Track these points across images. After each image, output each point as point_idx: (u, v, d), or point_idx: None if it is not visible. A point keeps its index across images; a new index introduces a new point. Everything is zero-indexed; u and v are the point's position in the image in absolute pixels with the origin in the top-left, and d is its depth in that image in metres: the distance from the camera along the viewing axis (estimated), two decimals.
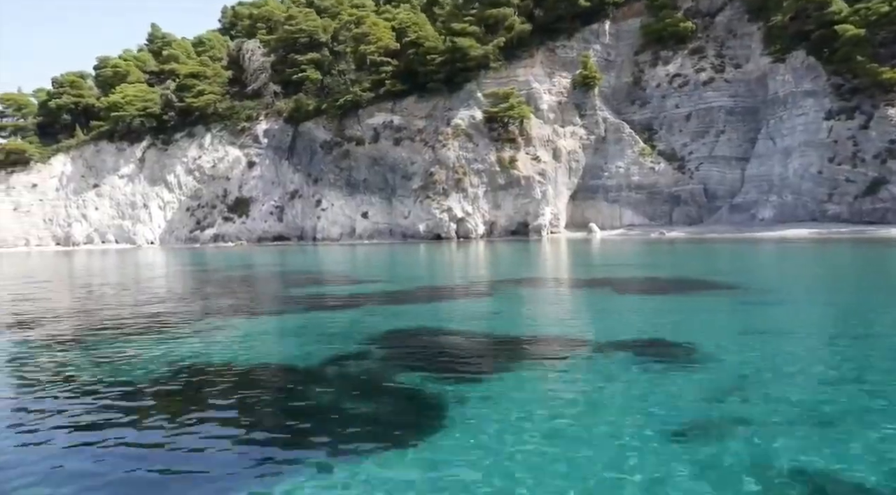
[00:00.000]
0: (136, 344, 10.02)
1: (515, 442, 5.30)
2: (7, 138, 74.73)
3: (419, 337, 10.45)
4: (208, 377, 7.94)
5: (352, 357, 8.90)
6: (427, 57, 59.96)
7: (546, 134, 59.42)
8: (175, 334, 10.82)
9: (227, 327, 11.44)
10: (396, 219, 61.74)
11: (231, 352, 9.27)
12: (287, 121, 70.31)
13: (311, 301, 15.42)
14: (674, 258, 27.29)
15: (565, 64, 61.58)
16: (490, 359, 8.71)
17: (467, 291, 16.86)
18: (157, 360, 8.79)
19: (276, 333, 11.06)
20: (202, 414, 6.38)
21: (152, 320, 12.57)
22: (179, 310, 14.27)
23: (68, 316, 13.90)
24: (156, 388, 7.42)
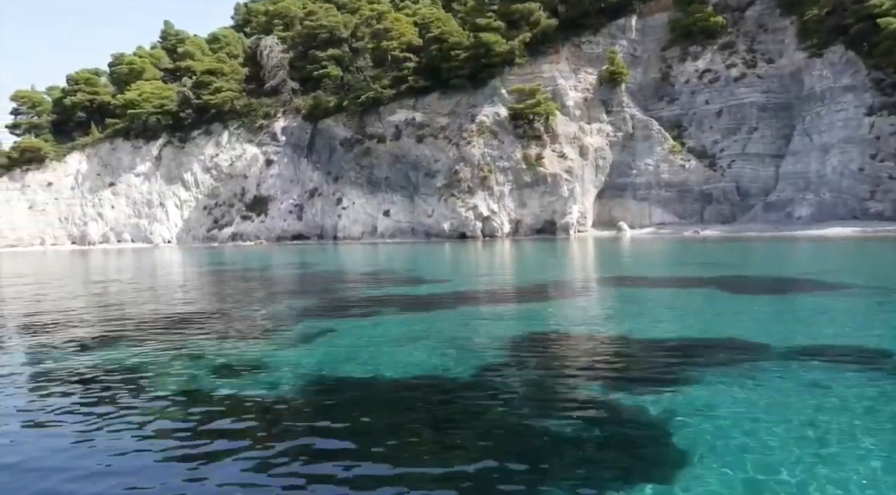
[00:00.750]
0: (246, 351, 9.03)
1: (782, 463, 4.41)
2: (21, 136, 73.82)
3: (563, 341, 9.47)
4: (350, 391, 6.97)
5: (506, 365, 7.93)
6: (451, 53, 58.90)
7: (572, 131, 58.39)
8: (277, 341, 9.82)
9: (330, 331, 10.45)
10: (419, 218, 60.75)
11: (357, 361, 8.31)
12: (306, 118, 69.35)
13: (398, 301, 14.43)
14: (738, 257, 26.25)
15: (591, 60, 60.53)
16: (664, 365, 7.74)
17: (562, 291, 15.87)
18: (275, 370, 7.81)
19: (392, 338, 10.05)
20: (354, 441, 5.39)
21: (237, 325, 11.58)
22: (263, 313, 13.28)
23: (148, 329, 12.93)
24: (288, 404, 6.45)
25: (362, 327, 11.07)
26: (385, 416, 6.09)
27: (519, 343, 9.25)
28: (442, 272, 23.31)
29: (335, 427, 5.82)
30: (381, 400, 6.64)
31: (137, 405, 6.58)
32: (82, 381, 7.65)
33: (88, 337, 10.78)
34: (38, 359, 9.02)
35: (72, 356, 9.11)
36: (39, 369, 8.45)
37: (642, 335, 9.53)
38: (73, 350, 9.57)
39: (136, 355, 8.96)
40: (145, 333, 10.88)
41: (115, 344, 9.91)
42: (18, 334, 11.40)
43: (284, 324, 11.40)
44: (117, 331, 11.28)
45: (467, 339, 9.62)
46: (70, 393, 7.15)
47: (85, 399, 6.88)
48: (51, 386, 7.48)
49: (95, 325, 12.06)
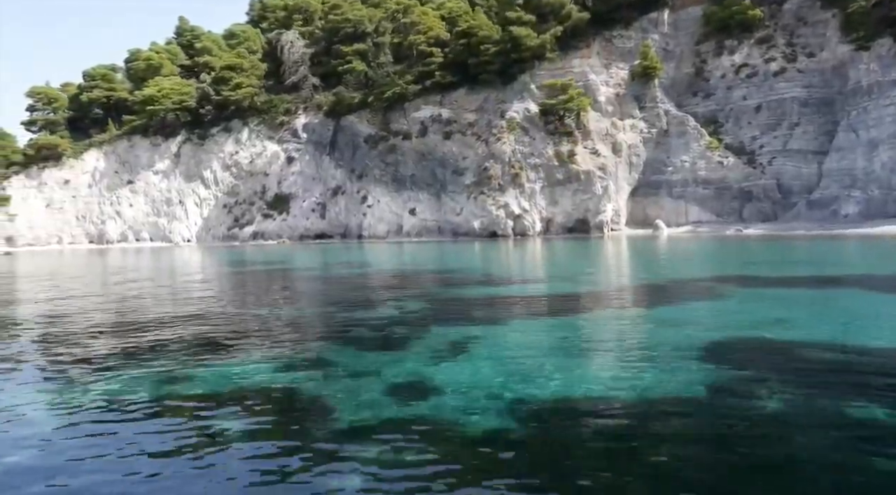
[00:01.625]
0: (402, 365, 7.68)
1: None
2: (37, 133, 72.56)
3: (755, 349, 8.09)
4: (562, 418, 5.62)
5: (733, 382, 6.60)
6: (480, 47, 57.54)
7: (604, 127, 57.03)
8: (427, 352, 8.48)
9: (474, 340, 9.10)
10: (446, 216, 59.43)
11: (537, 375, 6.93)
12: (327, 115, 68.06)
13: (515, 304, 13.08)
14: (819, 255, 24.89)
15: (623, 54, 59.18)
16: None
17: (679, 291, 14.50)
18: (448, 388, 6.47)
19: (555, 348, 8.66)
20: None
21: (360, 332, 10.24)
22: (381, 319, 11.93)
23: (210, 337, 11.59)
24: (487, 433, 5.12)
25: (503, 334, 9.74)
26: (632, 459, 4.71)
27: (707, 350, 7.91)
28: (523, 272, 21.98)
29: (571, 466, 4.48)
30: (609, 432, 5.28)
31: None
32: (186, 411, 6.34)
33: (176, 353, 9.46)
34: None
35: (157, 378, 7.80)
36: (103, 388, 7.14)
37: (836, 339, 8.24)
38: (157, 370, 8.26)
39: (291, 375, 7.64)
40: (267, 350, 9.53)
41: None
42: (40, 344, 10.10)
43: (418, 333, 10.06)
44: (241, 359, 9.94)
45: (641, 348, 8.32)
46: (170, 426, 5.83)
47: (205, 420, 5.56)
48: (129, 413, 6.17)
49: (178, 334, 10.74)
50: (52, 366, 8.45)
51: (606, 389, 6.48)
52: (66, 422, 5.83)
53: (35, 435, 5.46)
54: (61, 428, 5.69)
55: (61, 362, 8.56)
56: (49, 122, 72.05)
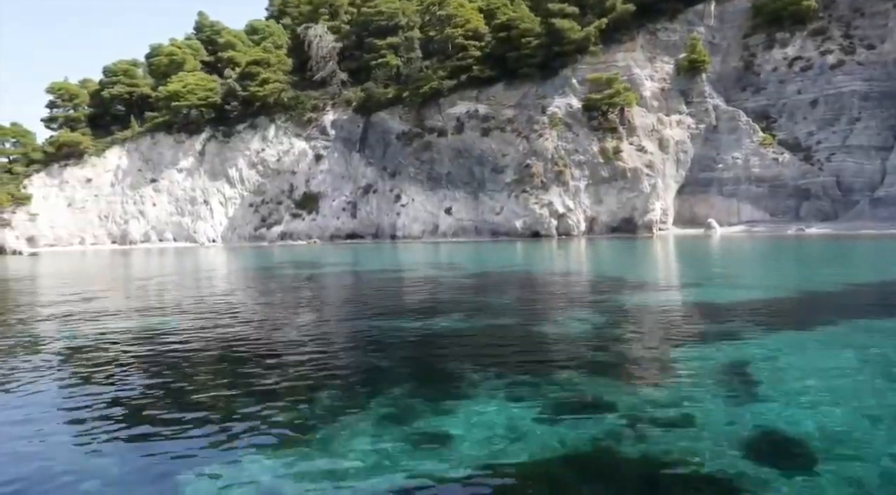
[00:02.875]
0: (665, 399, 5.62)
1: None
2: (57, 130, 70.59)
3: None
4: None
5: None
6: (522, 40, 55.49)
7: (650, 123, 54.99)
8: (681, 382, 6.41)
9: (746, 364, 7.03)
10: (484, 216, 57.39)
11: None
12: (357, 111, 66.05)
13: (720, 315, 11.00)
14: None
15: (667, 47, 57.13)
16: None
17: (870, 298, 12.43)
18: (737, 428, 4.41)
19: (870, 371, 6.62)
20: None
21: (583, 355, 8.18)
22: (577, 336, 9.88)
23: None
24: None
25: (775, 354, 7.66)
26: None
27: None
28: (650, 274, 19.87)
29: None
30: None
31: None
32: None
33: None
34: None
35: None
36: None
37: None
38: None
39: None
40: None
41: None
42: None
43: (647, 356, 8.00)
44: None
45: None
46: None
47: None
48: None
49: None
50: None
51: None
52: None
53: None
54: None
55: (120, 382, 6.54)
56: (70, 119, 70.02)
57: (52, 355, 9.12)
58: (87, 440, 5.26)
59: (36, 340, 10.49)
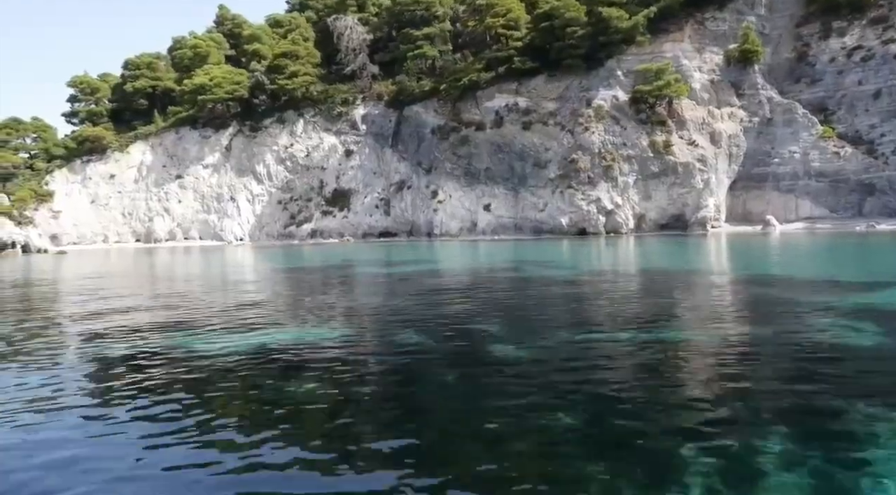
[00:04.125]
0: None
1: None
2: (78, 125, 68.54)
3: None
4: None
5: None
6: (566, 30, 53.32)
7: (700, 116, 52.84)
8: None
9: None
10: (525, 213, 55.22)
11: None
12: (389, 105, 63.93)
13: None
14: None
15: (716, 38, 54.99)
16: None
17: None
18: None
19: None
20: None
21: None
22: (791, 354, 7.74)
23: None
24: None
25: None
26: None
27: None
28: (810, 274, 17.75)
29: None
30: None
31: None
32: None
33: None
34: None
35: None
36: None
37: None
38: None
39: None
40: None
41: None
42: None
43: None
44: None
45: None
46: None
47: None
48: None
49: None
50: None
51: None
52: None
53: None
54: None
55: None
56: (92, 114, 67.89)
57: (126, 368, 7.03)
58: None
59: (96, 355, 8.40)
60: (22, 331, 10.68)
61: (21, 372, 7.53)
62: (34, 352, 8.80)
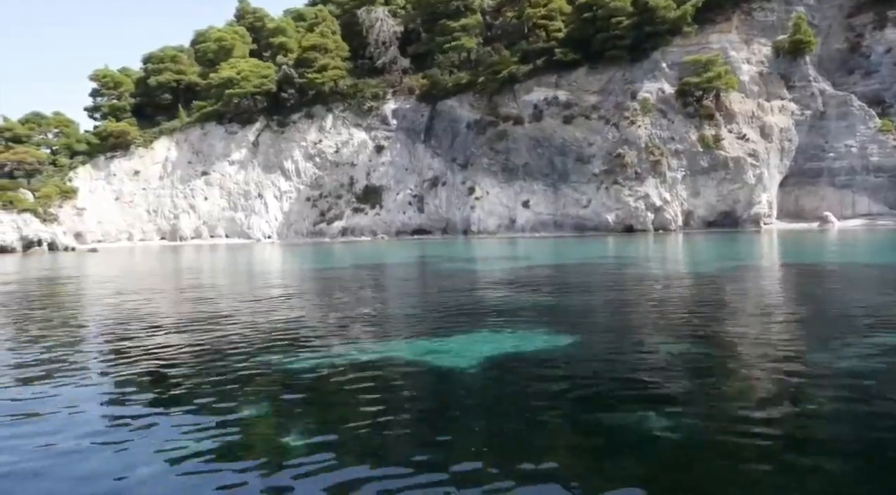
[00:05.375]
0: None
1: None
2: (100, 120, 66.81)
3: None
4: None
5: None
6: (610, 20, 51.55)
7: (749, 109, 51.06)
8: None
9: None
10: (567, 209, 53.47)
11: None
12: (421, 99, 62.23)
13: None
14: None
15: (764, 29, 53.26)
16: None
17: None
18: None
19: None
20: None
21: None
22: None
23: None
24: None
25: None
26: None
27: None
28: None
29: None
30: None
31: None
32: None
33: None
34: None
35: None
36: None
37: None
38: None
39: None
40: None
41: None
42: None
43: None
44: None
45: None
46: None
47: None
48: None
49: None
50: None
51: None
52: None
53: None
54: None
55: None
56: (115, 109, 66.11)
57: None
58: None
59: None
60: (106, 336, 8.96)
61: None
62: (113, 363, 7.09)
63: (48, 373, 6.95)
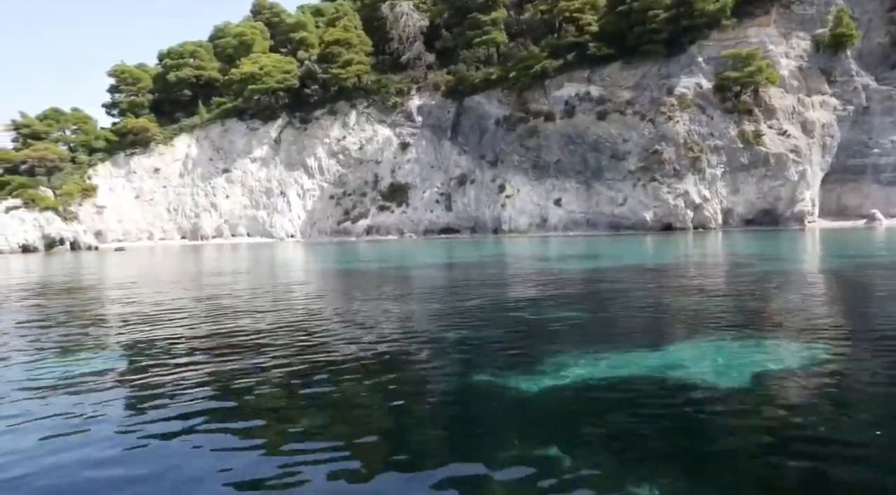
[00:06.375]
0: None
1: None
2: (119, 117, 65.51)
3: None
4: None
5: None
6: (647, 13, 50.29)
7: (789, 104, 49.84)
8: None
9: None
10: (601, 207, 52.23)
11: None
12: (447, 95, 60.93)
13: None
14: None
15: (803, 22, 52.00)
16: None
17: None
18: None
19: None
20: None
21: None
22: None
23: None
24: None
25: None
26: None
27: None
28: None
29: None
30: None
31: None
32: None
33: None
34: None
35: None
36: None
37: None
38: None
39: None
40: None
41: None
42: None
43: None
44: None
45: None
46: None
47: None
48: None
49: None
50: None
51: None
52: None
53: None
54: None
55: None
56: (134, 105, 64.79)
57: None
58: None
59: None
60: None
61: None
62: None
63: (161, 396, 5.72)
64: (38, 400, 5.80)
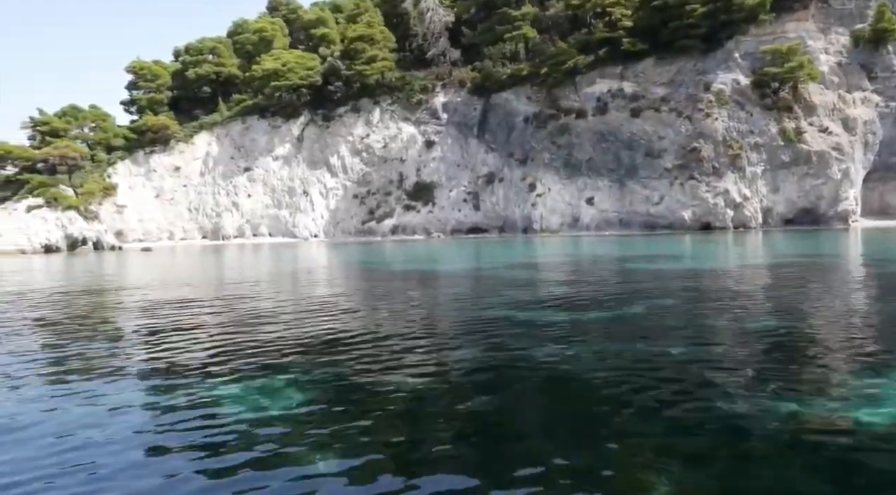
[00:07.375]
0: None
1: None
2: (137, 114, 64.27)
3: None
4: None
5: None
6: (684, 8, 49.16)
7: (830, 101, 48.78)
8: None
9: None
10: (635, 206, 51.15)
11: None
12: (473, 92, 59.80)
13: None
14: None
15: (841, 17, 50.96)
16: None
17: None
18: None
19: None
20: None
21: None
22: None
23: None
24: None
25: None
26: None
27: None
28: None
29: None
30: None
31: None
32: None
33: None
34: None
35: None
36: None
37: None
38: None
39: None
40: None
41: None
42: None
43: None
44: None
45: None
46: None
47: None
48: None
49: None
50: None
51: None
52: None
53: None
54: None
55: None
56: (153, 102, 63.55)
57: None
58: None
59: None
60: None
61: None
62: None
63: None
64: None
